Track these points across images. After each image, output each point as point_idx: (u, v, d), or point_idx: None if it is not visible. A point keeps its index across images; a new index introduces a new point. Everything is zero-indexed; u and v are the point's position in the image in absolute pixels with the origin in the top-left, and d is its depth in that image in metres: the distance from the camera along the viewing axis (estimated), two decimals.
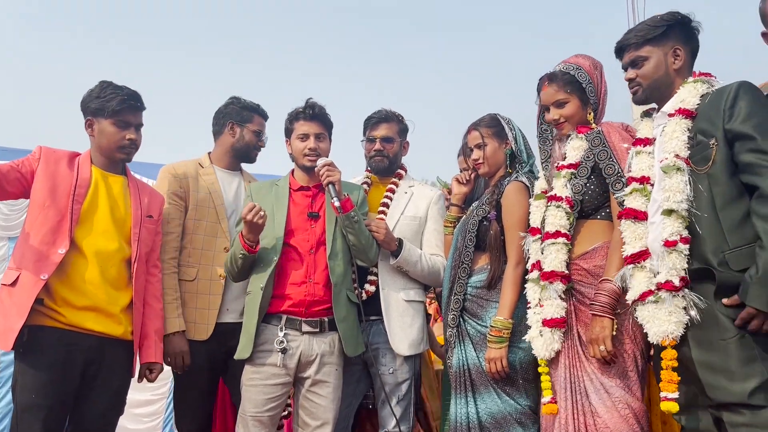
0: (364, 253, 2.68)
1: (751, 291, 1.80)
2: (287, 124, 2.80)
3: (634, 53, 2.17)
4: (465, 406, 2.46)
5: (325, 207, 2.71)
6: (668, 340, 1.94)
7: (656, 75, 2.15)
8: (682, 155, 2.00)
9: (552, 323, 2.22)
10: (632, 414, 2.11)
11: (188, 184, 2.85)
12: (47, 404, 2.26)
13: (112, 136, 2.51)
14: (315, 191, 2.74)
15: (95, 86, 2.54)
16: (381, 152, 2.98)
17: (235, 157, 3.00)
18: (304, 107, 2.76)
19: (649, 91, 2.17)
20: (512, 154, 2.66)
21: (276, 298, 2.58)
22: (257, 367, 2.54)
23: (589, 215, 2.31)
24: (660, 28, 2.14)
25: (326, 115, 2.79)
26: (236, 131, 2.95)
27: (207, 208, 2.84)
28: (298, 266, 2.61)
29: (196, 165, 2.94)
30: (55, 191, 2.41)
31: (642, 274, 2.04)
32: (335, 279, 2.61)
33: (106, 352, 2.41)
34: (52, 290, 2.33)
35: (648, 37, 2.14)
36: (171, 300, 2.70)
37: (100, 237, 2.44)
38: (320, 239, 2.65)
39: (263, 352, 2.54)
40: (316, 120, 2.74)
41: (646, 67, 2.15)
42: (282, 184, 2.77)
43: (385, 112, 3.03)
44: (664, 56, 2.15)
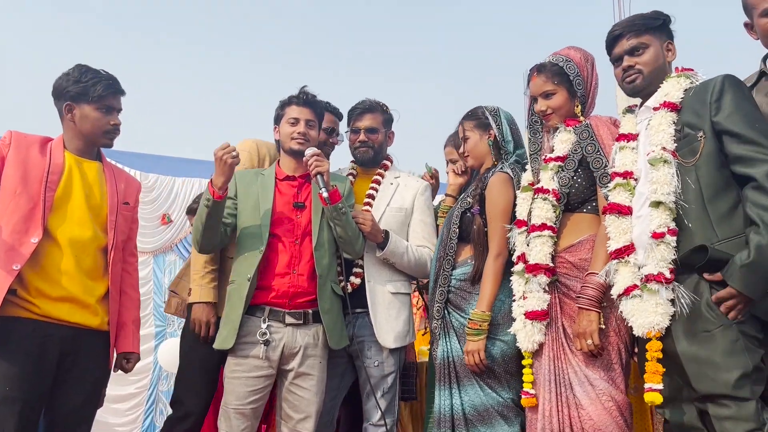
0: (350, 245, 2.65)
1: (737, 273, 1.83)
2: (278, 111, 2.75)
3: (634, 40, 2.16)
4: (449, 398, 2.45)
5: (311, 197, 2.67)
6: (654, 332, 1.95)
7: (657, 64, 2.15)
8: (669, 148, 2.01)
9: (533, 315, 2.23)
10: (616, 406, 2.12)
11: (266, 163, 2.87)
12: (22, 397, 2.19)
13: (96, 121, 2.43)
14: (301, 181, 2.70)
15: (71, 70, 2.45)
16: (365, 143, 2.95)
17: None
18: (298, 93, 2.72)
19: (649, 79, 2.16)
20: (497, 144, 2.63)
21: (259, 289, 2.54)
22: (240, 359, 2.50)
23: (576, 208, 2.31)
24: (658, 20, 2.15)
25: (319, 103, 2.76)
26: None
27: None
28: (283, 257, 2.57)
29: (276, 151, 2.92)
30: (27, 178, 2.32)
31: (626, 268, 2.04)
32: (321, 270, 2.58)
33: (82, 343, 2.35)
34: (25, 280, 2.25)
35: (649, 26, 2.15)
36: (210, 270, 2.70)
37: (75, 225, 2.36)
38: (306, 230, 2.61)
39: (246, 344, 2.50)
40: (308, 106, 2.71)
41: (647, 55, 2.15)
42: (268, 174, 2.72)
43: (369, 102, 2.99)
44: (661, 47, 2.16)
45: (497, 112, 2.67)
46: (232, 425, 2.47)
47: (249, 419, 2.49)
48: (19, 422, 2.18)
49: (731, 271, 1.84)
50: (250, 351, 2.49)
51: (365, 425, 2.72)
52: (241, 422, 2.47)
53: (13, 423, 2.17)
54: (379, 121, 2.98)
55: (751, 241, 1.84)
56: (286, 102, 2.73)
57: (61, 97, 2.45)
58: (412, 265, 2.80)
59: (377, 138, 2.97)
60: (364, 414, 2.74)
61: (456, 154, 3.02)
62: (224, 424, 2.49)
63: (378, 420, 2.66)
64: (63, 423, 2.35)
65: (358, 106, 2.98)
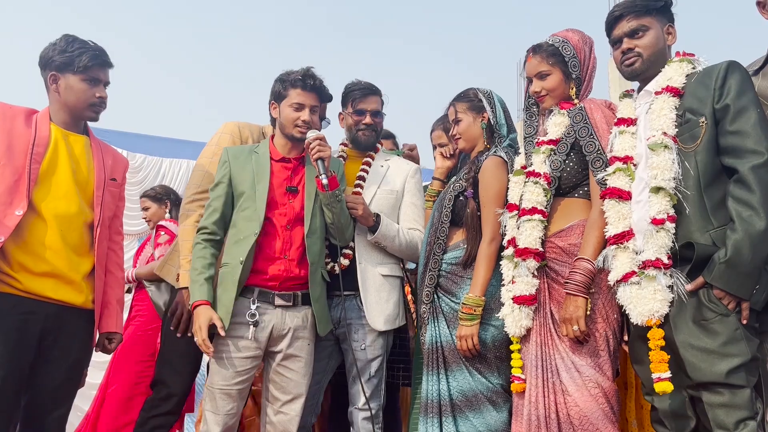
0: (341, 232, 2.62)
1: (717, 272, 1.84)
2: (280, 88, 2.62)
3: (635, 22, 2.13)
4: (437, 383, 2.43)
5: (304, 182, 2.62)
6: (654, 320, 1.94)
7: (657, 47, 2.13)
8: (670, 133, 2.00)
9: (521, 300, 2.21)
10: (602, 393, 2.11)
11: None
12: (2, 374, 2.15)
13: (81, 93, 2.38)
14: (295, 164, 2.64)
15: (59, 40, 2.39)
16: (371, 126, 2.90)
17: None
18: (305, 76, 2.59)
19: (649, 63, 2.14)
20: (490, 127, 2.60)
21: (251, 273, 2.50)
22: (228, 339, 2.46)
23: (567, 193, 2.29)
24: (659, 2, 2.12)
25: (325, 89, 2.67)
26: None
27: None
28: (274, 241, 2.53)
29: (260, 132, 2.84)
30: (11, 149, 2.26)
31: (625, 254, 2.03)
32: (312, 258, 2.55)
33: (65, 321, 2.30)
34: (8, 255, 2.20)
35: (650, 8, 2.12)
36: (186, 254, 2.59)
37: (61, 199, 2.31)
38: (298, 215, 2.57)
39: (234, 324, 2.46)
40: (315, 92, 2.60)
41: (647, 38, 2.13)
42: (262, 153, 2.63)
43: (370, 85, 2.92)
44: (662, 30, 2.14)
45: (491, 95, 2.64)
46: (218, 406, 2.44)
47: (235, 400, 2.47)
48: None
49: (711, 270, 1.86)
50: (238, 332, 2.46)
51: (351, 409, 2.71)
52: (227, 403, 2.44)
53: None
54: (381, 104, 2.94)
55: (728, 238, 1.85)
56: (290, 83, 2.61)
57: (46, 66, 2.39)
58: (403, 248, 2.78)
59: (380, 122, 2.94)
60: (350, 397, 2.73)
61: (444, 138, 3.00)
62: (209, 405, 2.46)
63: (363, 404, 2.65)
64: (43, 401, 2.30)
65: (360, 87, 2.90)
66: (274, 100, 2.67)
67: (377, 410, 2.69)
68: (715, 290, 1.87)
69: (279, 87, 2.64)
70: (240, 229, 2.52)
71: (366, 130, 2.90)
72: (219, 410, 2.44)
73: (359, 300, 2.72)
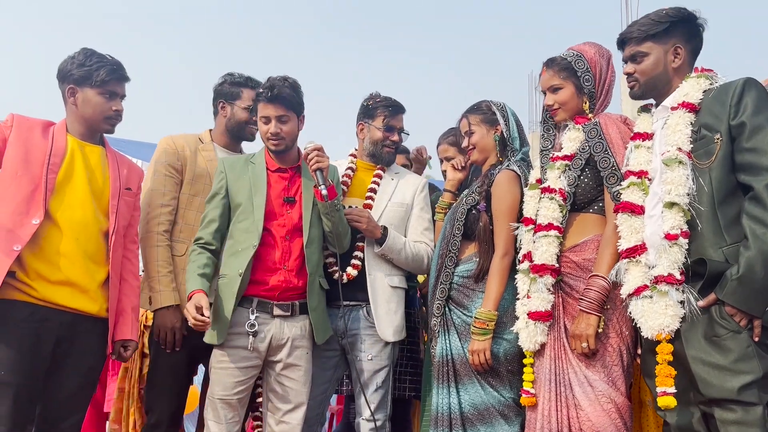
0: (339, 240, 2.62)
1: (729, 288, 1.84)
2: (254, 104, 2.67)
3: (634, 48, 2.15)
4: (447, 396, 2.42)
5: (301, 192, 2.62)
6: (664, 334, 1.94)
7: (654, 72, 2.14)
8: (685, 149, 2.00)
9: (537, 316, 2.21)
10: (615, 408, 2.11)
11: (186, 157, 2.76)
12: (17, 381, 2.17)
13: (98, 106, 2.41)
14: (291, 173, 2.65)
15: (77, 53, 2.43)
16: (395, 143, 2.92)
17: (231, 137, 2.89)
18: (263, 88, 2.57)
19: (646, 88, 2.16)
20: (503, 140, 2.60)
21: (249, 283, 2.51)
22: (227, 349, 2.48)
23: (582, 208, 2.29)
24: (663, 24, 2.12)
25: (288, 95, 2.56)
26: (227, 110, 2.85)
27: (203, 184, 2.75)
28: (273, 252, 2.53)
29: (196, 140, 2.84)
30: (29, 160, 2.29)
31: (637, 268, 2.03)
32: (311, 268, 2.56)
33: (80, 329, 2.32)
34: (24, 263, 2.22)
35: (650, 33, 2.12)
36: (165, 273, 2.61)
37: (77, 208, 2.34)
38: (296, 225, 2.57)
39: (233, 335, 2.47)
40: (276, 102, 2.54)
41: (644, 64, 2.14)
42: (258, 162, 2.64)
43: (399, 102, 2.94)
44: (664, 54, 2.13)
45: (504, 108, 2.64)
46: (220, 415, 2.46)
47: (235, 409, 2.48)
48: (13, 406, 2.16)
49: (723, 286, 1.85)
50: (237, 342, 2.47)
51: (357, 420, 2.71)
52: (228, 412, 2.46)
53: (8, 407, 2.15)
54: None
55: (741, 255, 1.84)
56: (257, 95, 2.62)
57: (65, 79, 2.43)
58: (409, 261, 2.78)
59: (402, 140, 2.96)
60: (356, 408, 2.73)
61: (451, 152, 3.01)
62: (211, 414, 2.48)
63: (369, 415, 2.65)
64: (57, 409, 2.32)
65: (392, 104, 2.91)
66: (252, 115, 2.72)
67: (384, 421, 2.69)
68: (727, 307, 1.86)
69: (254, 103, 2.67)
70: (238, 241, 2.52)
71: (392, 146, 2.91)
72: (221, 419, 2.46)
73: (365, 310, 2.72)
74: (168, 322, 2.59)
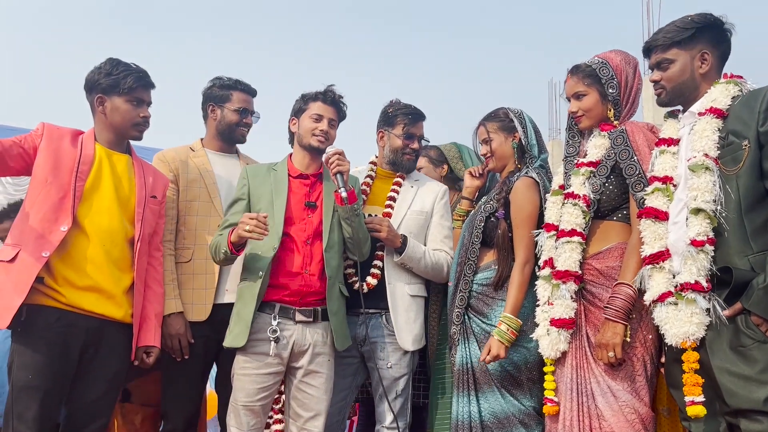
0: (358, 247, 2.63)
1: (755, 297, 1.81)
2: (300, 104, 2.71)
3: (660, 55, 2.14)
4: (467, 404, 2.41)
5: (322, 197, 2.65)
6: (689, 342, 1.91)
7: (681, 79, 2.12)
8: (712, 155, 1.97)
9: (560, 323, 2.19)
10: (638, 419, 2.09)
11: (177, 167, 2.81)
12: (44, 386, 2.21)
13: (126, 113, 2.46)
14: (313, 180, 2.68)
15: (104, 63, 2.48)
16: (416, 151, 2.92)
17: (223, 139, 2.92)
18: (325, 90, 2.69)
19: (673, 95, 2.15)
20: (521, 147, 2.59)
21: (271, 288, 2.53)
22: (250, 356, 2.48)
23: (606, 216, 2.28)
24: (688, 30, 2.10)
25: (343, 105, 2.74)
26: (217, 113, 2.89)
27: (198, 188, 2.79)
28: (295, 256, 2.56)
29: (186, 150, 2.89)
30: (58, 168, 2.35)
31: (661, 275, 2.01)
32: (330, 272, 2.57)
33: (105, 335, 2.35)
34: (52, 269, 2.27)
35: (675, 40, 2.11)
36: (168, 281, 2.65)
37: (104, 215, 2.38)
38: (317, 230, 2.60)
39: (256, 341, 2.49)
40: (333, 106, 2.69)
41: (671, 71, 2.12)
42: (280, 170, 2.68)
43: (419, 110, 2.95)
44: (690, 60, 2.11)
45: (522, 115, 2.64)
46: (242, 422, 2.47)
47: (258, 415, 2.49)
48: (40, 410, 2.19)
49: (749, 296, 1.83)
50: (260, 348, 2.48)
51: (378, 428, 2.71)
52: (251, 418, 2.47)
53: (34, 411, 2.19)
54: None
55: None
56: (310, 97, 2.70)
57: (92, 89, 2.48)
58: (429, 270, 2.78)
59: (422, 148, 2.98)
60: (377, 416, 2.73)
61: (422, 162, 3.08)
62: (233, 421, 2.48)
63: (391, 423, 2.65)
64: (82, 414, 2.35)
65: (412, 112, 2.92)
66: (294, 116, 2.74)
67: (404, 428, 2.69)
68: (753, 316, 1.84)
69: (300, 102, 2.72)
70: (258, 245, 2.54)
71: (412, 154, 2.91)
72: (243, 426, 2.47)
73: (385, 318, 2.73)
74: (173, 330, 2.62)
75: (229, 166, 2.90)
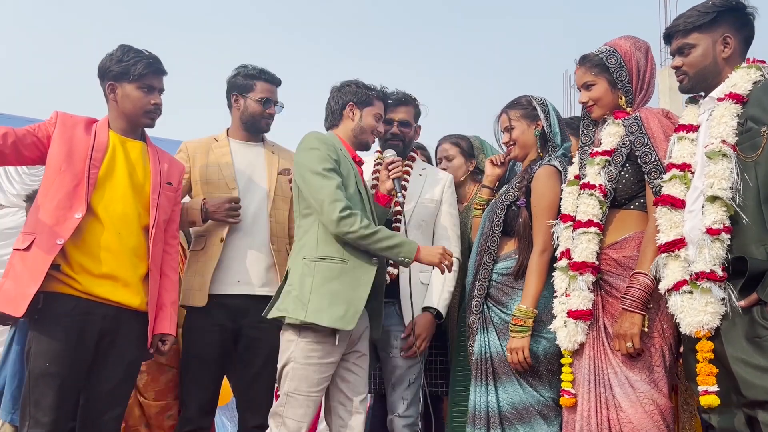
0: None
1: None
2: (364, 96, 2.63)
3: (681, 40, 2.09)
4: (485, 394, 2.39)
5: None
6: (703, 332, 1.89)
7: (703, 64, 2.07)
8: (730, 141, 1.93)
9: (578, 315, 2.16)
10: (657, 410, 2.06)
11: (195, 159, 2.83)
12: (61, 373, 2.23)
13: (137, 100, 2.46)
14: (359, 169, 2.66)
15: (115, 50, 2.48)
16: (397, 136, 2.91)
17: (247, 129, 2.92)
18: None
19: (695, 80, 2.10)
20: (544, 136, 2.56)
21: None
22: (319, 344, 2.39)
23: (622, 205, 2.24)
24: (710, 14, 2.05)
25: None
26: (240, 102, 2.89)
27: (217, 180, 2.81)
28: None
29: (210, 140, 2.91)
30: (72, 156, 2.35)
31: (676, 263, 1.98)
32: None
33: (122, 323, 2.36)
34: (68, 256, 2.28)
35: (696, 24, 2.06)
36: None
37: (118, 203, 2.39)
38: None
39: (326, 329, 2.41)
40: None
41: (692, 56, 2.08)
42: (345, 154, 2.57)
43: (402, 94, 2.94)
44: (712, 44, 2.06)
45: (545, 103, 2.60)
46: (302, 413, 2.36)
47: (317, 406, 2.44)
48: (57, 397, 2.21)
49: (765, 286, 1.80)
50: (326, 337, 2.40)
51: (390, 417, 2.71)
52: (312, 409, 2.40)
53: (51, 398, 2.21)
54: (411, 115, 2.95)
55: None
56: (376, 95, 2.66)
57: (104, 76, 2.48)
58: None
59: (409, 132, 2.94)
60: (389, 405, 2.73)
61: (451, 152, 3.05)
62: (292, 413, 2.36)
63: (404, 411, 2.65)
64: (99, 402, 2.36)
65: (391, 96, 2.90)
66: (356, 103, 2.63)
67: (415, 418, 2.68)
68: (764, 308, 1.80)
69: (365, 93, 2.63)
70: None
71: (391, 140, 2.90)
72: (303, 418, 2.37)
73: (398, 307, 2.73)
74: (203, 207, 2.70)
75: (253, 155, 2.91)
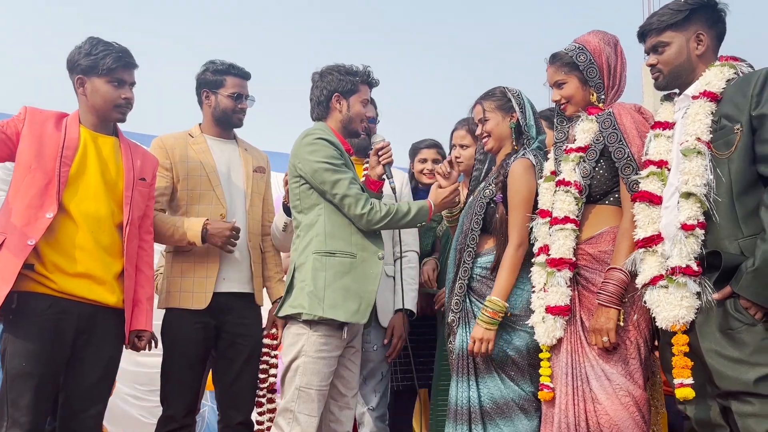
0: None
1: (744, 281, 1.82)
2: (349, 84, 2.58)
3: (655, 39, 2.12)
4: (466, 389, 2.38)
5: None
6: (678, 326, 1.93)
7: (677, 61, 2.10)
8: (704, 139, 1.96)
9: (556, 311, 2.19)
10: (633, 401, 2.09)
11: (175, 155, 2.78)
12: (38, 372, 2.20)
13: (107, 95, 2.40)
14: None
15: (83, 43, 2.41)
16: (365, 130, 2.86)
17: (219, 125, 2.88)
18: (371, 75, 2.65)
19: (670, 78, 2.13)
20: (519, 128, 2.54)
21: None
22: (326, 338, 2.41)
23: (597, 200, 2.26)
24: (683, 12, 2.07)
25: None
26: (211, 99, 2.84)
27: (199, 176, 2.77)
28: None
29: (185, 136, 2.86)
30: (42, 153, 2.30)
31: (653, 258, 2.01)
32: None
33: (98, 321, 2.34)
34: (42, 256, 2.24)
35: (670, 22, 2.09)
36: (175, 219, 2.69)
37: (91, 201, 2.34)
38: None
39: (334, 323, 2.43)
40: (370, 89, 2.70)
41: (667, 53, 2.10)
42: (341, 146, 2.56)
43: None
44: (686, 42, 2.09)
45: (520, 95, 2.57)
46: (315, 408, 2.38)
47: (325, 399, 2.44)
48: (34, 398, 2.19)
49: (738, 279, 1.83)
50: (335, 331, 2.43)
51: (363, 410, 2.74)
52: (323, 403, 2.41)
53: (29, 398, 2.18)
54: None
55: (758, 247, 1.82)
56: (364, 78, 2.61)
57: (73, 70, 2.42)
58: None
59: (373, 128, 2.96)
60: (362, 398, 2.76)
61: (467, 139, 2.95)
62: (305, 407, 2.36)
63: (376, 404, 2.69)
64: (78, 400, 2.34)
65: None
66: (341, 93, 2.59)
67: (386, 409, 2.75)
68: (741, 300, 1.84)
69: (349, 82, 2.58)
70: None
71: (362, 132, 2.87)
72: (315, 412, 2.38)
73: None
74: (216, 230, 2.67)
75: (229, 152, 2.88)
